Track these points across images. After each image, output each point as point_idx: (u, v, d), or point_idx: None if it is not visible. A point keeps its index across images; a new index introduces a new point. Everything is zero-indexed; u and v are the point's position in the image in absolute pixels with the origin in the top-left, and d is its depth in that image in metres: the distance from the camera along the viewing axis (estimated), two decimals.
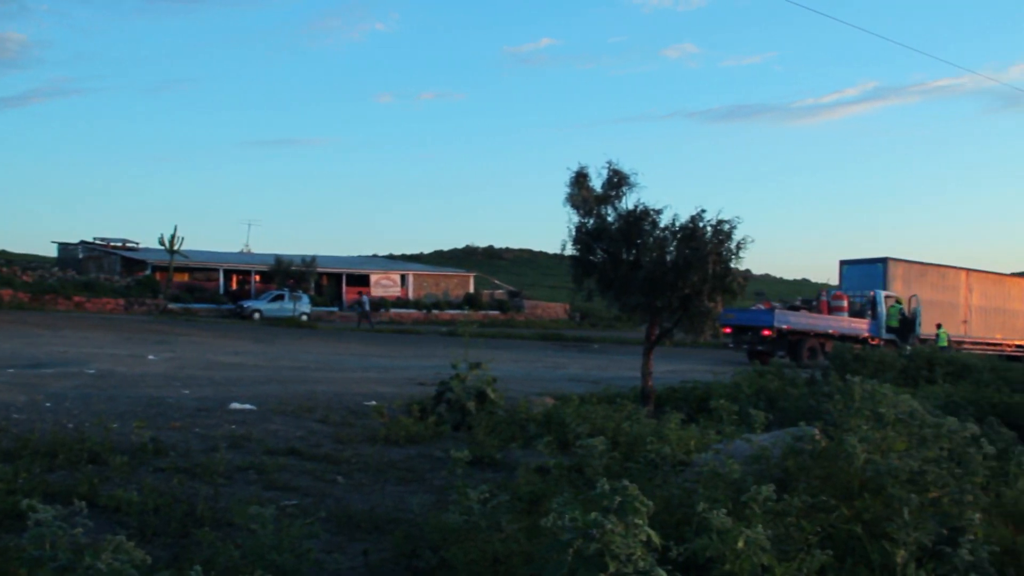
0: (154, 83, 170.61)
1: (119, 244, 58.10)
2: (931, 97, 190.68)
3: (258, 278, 54.61)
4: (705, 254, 11.59)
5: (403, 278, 60.88)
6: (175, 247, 50.60)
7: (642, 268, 11.98)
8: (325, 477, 7.81)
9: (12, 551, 4.48)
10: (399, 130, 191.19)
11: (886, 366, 16.43)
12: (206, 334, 32.27)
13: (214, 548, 4.75)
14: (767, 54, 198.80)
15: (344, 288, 57.35)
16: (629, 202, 12.45)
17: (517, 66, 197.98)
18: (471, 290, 63.21)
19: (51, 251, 66.93)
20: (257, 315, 46.98)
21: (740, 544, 3.85)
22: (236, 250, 65.42)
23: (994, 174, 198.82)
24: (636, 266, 12.13)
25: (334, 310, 53.60)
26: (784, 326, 30.22)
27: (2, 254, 66.20)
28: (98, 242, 58.44)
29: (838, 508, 4.58)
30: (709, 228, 11.86)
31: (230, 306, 49.57)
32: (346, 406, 12.42)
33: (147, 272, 51.14)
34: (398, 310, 55.32)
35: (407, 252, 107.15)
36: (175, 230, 50.89)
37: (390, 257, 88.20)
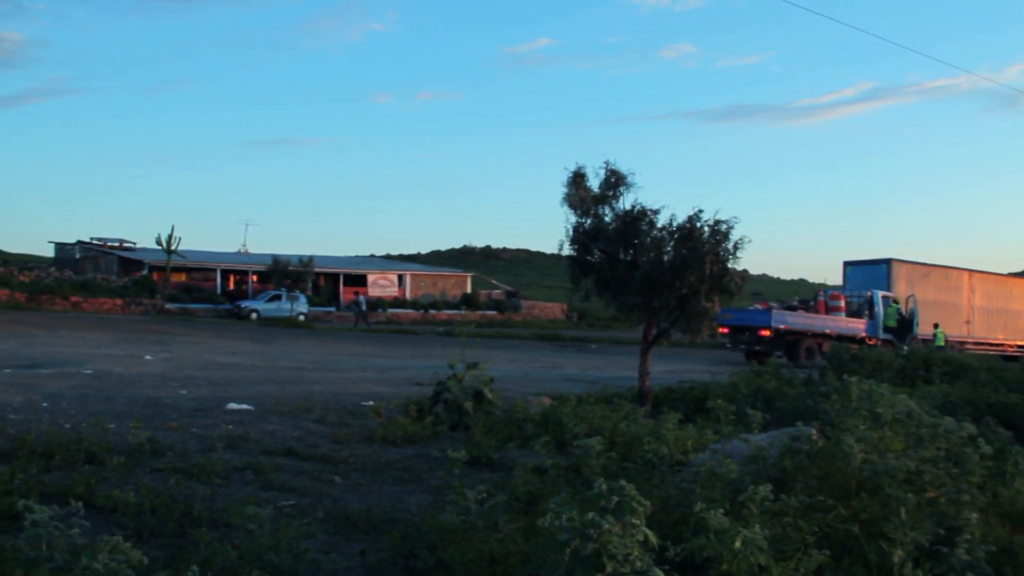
0: (151, 83, 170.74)
1: (116, 244, 58.06)
2: (928, 97, 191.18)
3: (255, 278, 54.59)
4: (702, 254, 11.60)
5: (400, 278, 60.87)
6: (172, 247, 50.59)
7: (639, 268, 11.98)
8: (322, 477, 7.81)
9: (8, 552, 4.47)
10: (397, 130, 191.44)
11: (883, 366, 16.44)
12: (203, 334, 32.24)
13: (211, 548, 4.75)
14: (764, 54, 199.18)
15: (341, 288, 57.34)
16: (626, 202, 12.48)
17: (514, 66, 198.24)
18: (468, 290, 63.19)
19: (48, 251, 66.96)
20: (254, 315, 46.94)
21: (737, 544, 3.85)
22: (233, 250, 65.42)
23: (991, 174, 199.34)
24: (633, 266, 12.13)
25: (331, 310, 53.57)
26: (781, 326, 30.27)
27: None
28: (95, 242, 58.40)
29: (835, 508, 4.58)
30: (706, 228, 11.87)
31: (227, 306, 49.53)
32: (343, 406, 12.42)
33: (144, 272, 51.07)
34: (395, 310, 55.30)
35: (404, 252, 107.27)
36: (172, 230, 50.89)
37: (387, 257, 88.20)
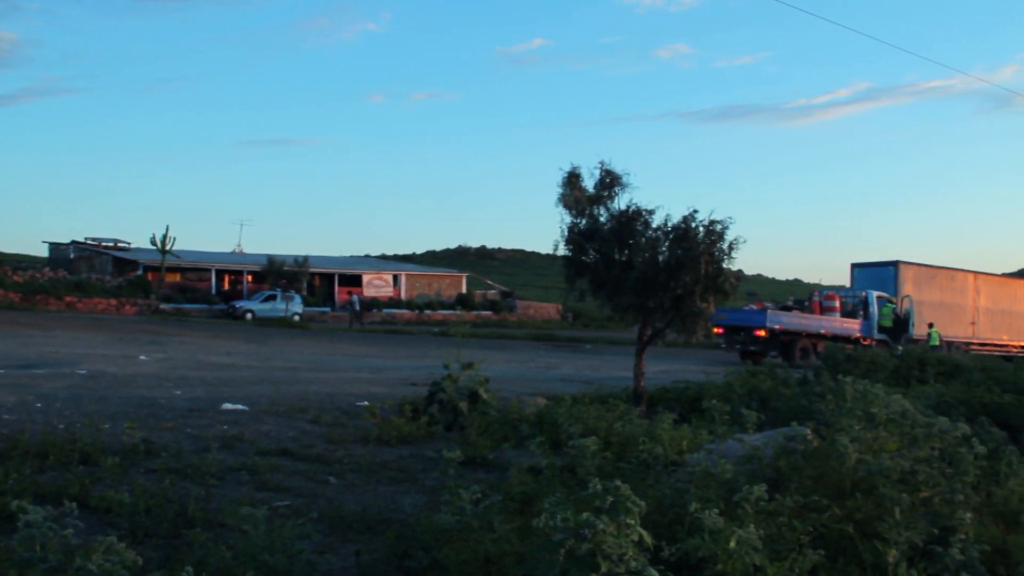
0: (145, 83, 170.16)
1: (110, 244, 57.93)
2: (923, 98, 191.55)
3: (250, 278, 54.54)
4: (697, 254, 11.61)
5: (395, 278, 60.87)
6: (167, 247, 50.52)
7: (634, 268, 11.99)
8: (317, 478, 7.80)
9: (2, 552, 4.45)
10: (391, 130, 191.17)
11: (878, 366, 16.46)
12: (198, 334, 32.19)
13: (206, 549, 4.74)
14: (760, 54, 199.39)
15: (336, 288, 57.36)
16: (621, 202, 12.49)
17: (509, 66, 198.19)
18: (463, 290, 63.21)
19: (42, 251, 66.70)
20: (249, 315, 46.88)
21: (732, 544, 3.86)
22: (228, 250, 65.38)
23: (986, 175, 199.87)
24: (628, 266, 12.14)
25: (326, 310, 53.56)
26: (776, 326, 30.32)
27: None
28: (89, 242, 58.26)
29: (830, 508, 4.59)
30: (701, 228, 11.88)
31: (222, 306, 49.48)
32: (338, 406, 12.39)
33: (139, 272, 50.99)
34: (390, 310, 55.28)
35: (399, 252, 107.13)
36: (167, 230, 50.90)
37: (382, 257, 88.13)
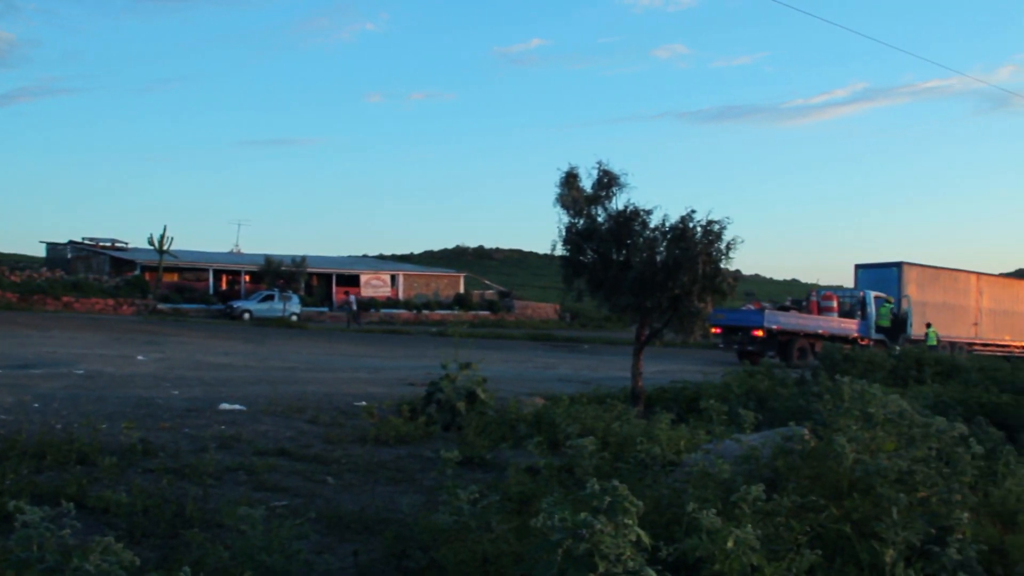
0: (143, 83, 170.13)
1: (108, 244, 57.88)
2: (920, 98, 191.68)
3: (248, 278, 54.49)
4: (695, 254, 11.61)
5: (393, 278, 60.85)
6: (164, 247, 50.45)
7: (632, 268, 11.99)
8: (315, 478, 7.79)
9: None
10: (389, 130, 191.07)
11: (875, 366, 16.48)
12: (195, 334, 32.17)
13: (203, 549, 4.74)
14: (757, 55, 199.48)
15: (334, 288, 57.35)
16: (619, 202, 12.49)
17: (507, 66, 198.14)
18: (461, 290, 63.21)
19: (39, 251, 66.71)
20: (247, 315, 46.86)
21: (730, 544, 3.86)
22: (226, 250, 65.33)
23: (983, 175, 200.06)
24: (626, 266, 12.14)
25: (324, 310, 53.55)
26: (774, 326, 30.34)
27: None
28: (87, 242, 58.21)
29: (827, 508, 4.59)
30: (699, 228, 11.88)
31: (220, 306, 49.46)
32: (336, 406, 12.39)
33: (136, 272, 50.96)
34: (388, 310, 55.27)
35: (397, 252, 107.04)
36: (164, 230, 50.78)
37: (380, 257, 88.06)
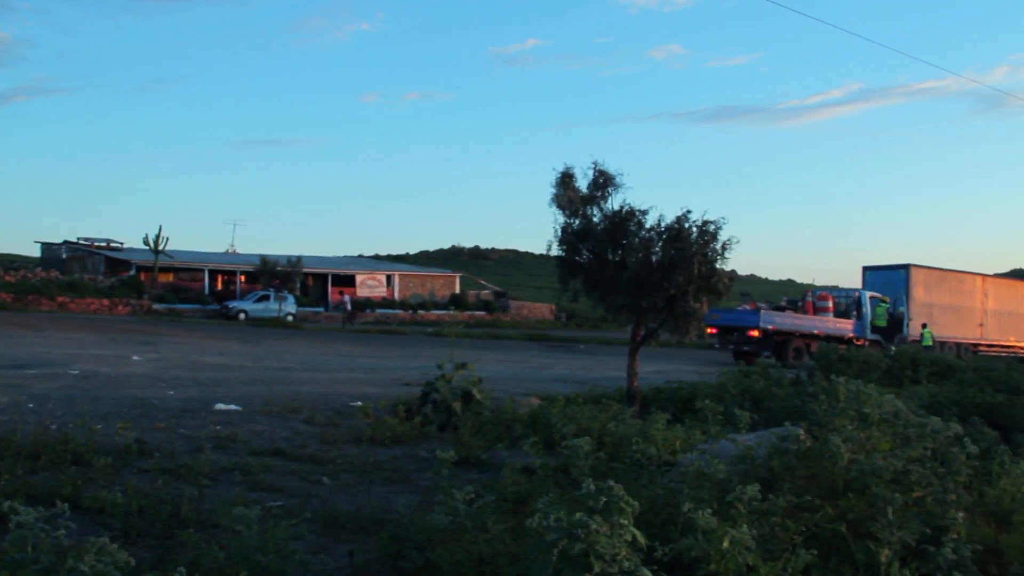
0: (139, 82, 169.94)
1: (103, 244, 57.78)
2: (915, 99, 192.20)
3: (243, 278, 54.41)
4: (691, 255, 11.61)
5: (389, 278, 60.81)
6: (160, 247, 50.39)
7: (628, 269, 11.99)
8: (310, 478, 7.79)
9: None
10: (385, 130, 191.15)
11: (871, 366, 16.52)
12: (191, 335, 32.13)
13: (199, 549, 4.73)
14: (753, 55, 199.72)
15: (330, 288, 57.29)
16: (615, 203, 12.49)
17: (503, 66, 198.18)
18: (457, 290, 63.17)
19: (34, 251, 66.60)
20: (242, 315, 46.80)
21: (725, 544, 3.86)
22: (221, 250, 65.23)
23: (979, 175, 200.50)
24: (622, 267, 12.14)
25: (320, 310, 53.47)
26: (770, 326, 30.38)
27: None
28: (82, 242, 58.10)
29: (823, 508, 4.59)
30: (695, 229, 11.88)
31: (215, 306, 49.38)
32: (332, 407, 12.38)
33: (131, 272, 50.84)
34: (384, 310, 55.22)
35: (393, 252, 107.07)
36: (160, 230, 50.77)
37: (376, 257, 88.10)
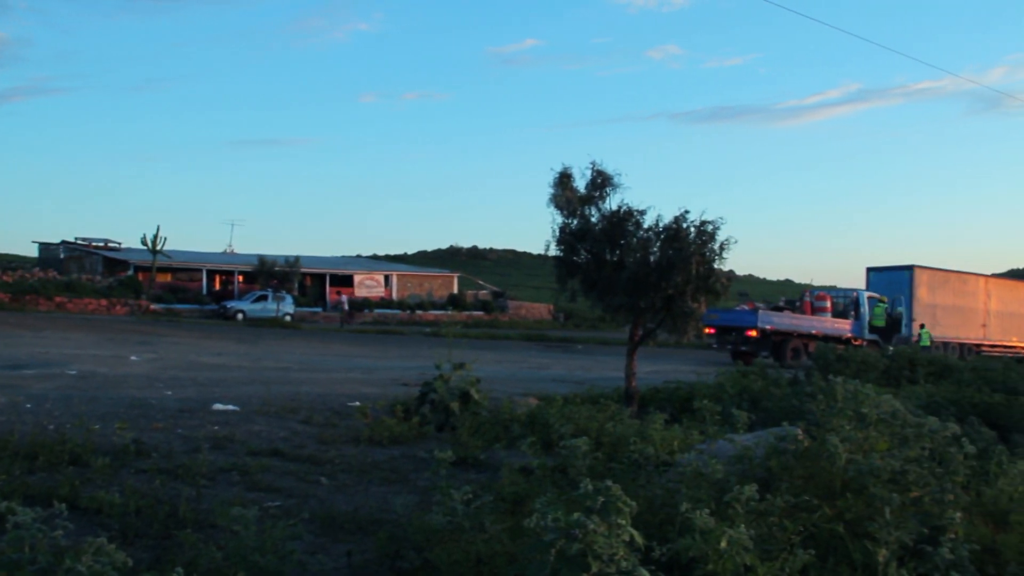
0: (136, 82, 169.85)
1: (101, 244, 57.74)
2: (913, 99, 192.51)
3: (241, 278, 54.40)
4: (688, 255, 11.61)
5: (387, 278, 60.80)
6: (158, 247, 50.35)
7: (626, 269, 11.99)
8: (308, 478, 7.78)
9: None
10: (383, 130, 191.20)
11: (868, 366, 16.52)
12: (189, 335, 32.11)
13: (196, 550, 4.73)
14: (750, 56, 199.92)
15: (328, 288, 57.28)
16: (613, 203, 12.48)
17: (501, 66, 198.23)
18: (455, 291, 63.18)
19: (32, 251, 66.46)
20: (240, 316, 46.76)
21: (723, 544, 3.86)
22: (219, 250, 65.21)
23: (977, 175, 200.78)
24: (620, 267, 12.14)
25: (318, 311, 53.45)
26: (767, 327, 30.40)
27: None
28: (80, 242, 58.04)
29: (820, 508, 4.59)
30: (692, 229, 11.88)
31: (213, 307, 49.35)
32: (330, 407, 12.38)
33: (129, 272, 50.82)
34: (382, 310, 55.21)
35: (391, 252, 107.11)
36: (157, 230, 50.69)
37: (374, 257, 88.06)
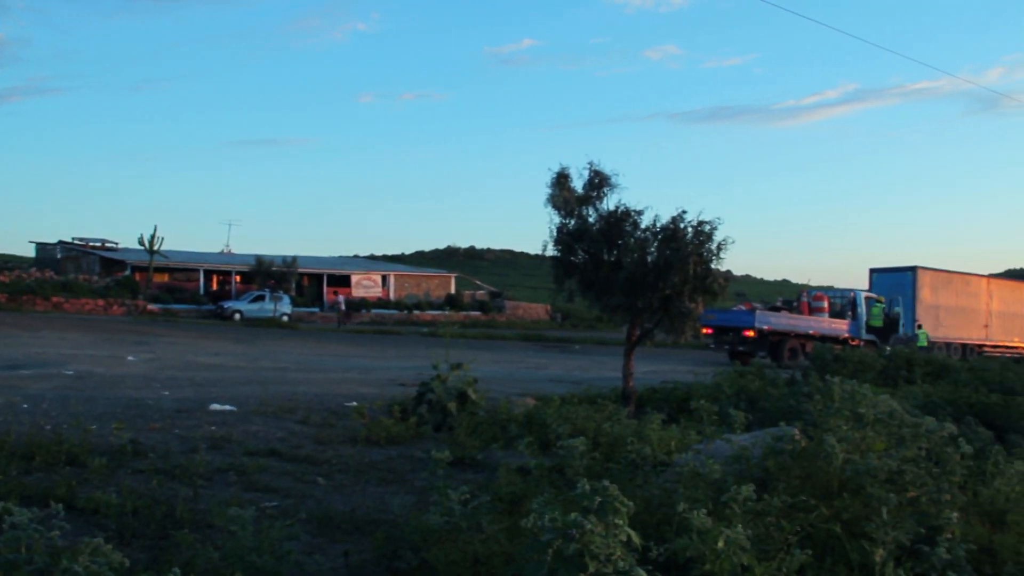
0: (134, 82, 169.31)
1: (98, 244, 57.61)
2: (911, 99, 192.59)
3: (239, 278, 54.34)
4: (686, 255, 11.62)
5: (384, 278, 60.76)
6: (155, 247, 50.28)
7: (623, 269, 12.00)
8: (305, 478, 7.78)
9: None
10: (381, 130, 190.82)
11: (866, 366, 16.53)
12: (186, 335, 32.07)
13: (193, 550, 4.72)
14: (748, 56, 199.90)
15: (325, 289, 57.25)
16: (610, 203, 12.51)
17: (499, 67, 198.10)
18: (452, 291, 63.15)
19: (29, 251, 66.30)
20: (238, 316, 46.70)
21: (720, 544, 3.86)
22: (217, 250, 65.09)
23: (975, 176, 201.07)
24: (617, 267, 12.15)
25: (315, 311, 53.42)
26: (765, 327, 30.42)
27: None
28: (77, 242, 57.92)
29: (818, 508, 4.60)
30: (690, 229, 11.89)
31: (210, 307, 49.28)
32: (327, 407, 12.37)
33: (126, 272, 50.74)
34: (379, 311, 55.17)
35: (388, 252, 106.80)
36: (155, 230, 50.61)
37: (371, 258, 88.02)
